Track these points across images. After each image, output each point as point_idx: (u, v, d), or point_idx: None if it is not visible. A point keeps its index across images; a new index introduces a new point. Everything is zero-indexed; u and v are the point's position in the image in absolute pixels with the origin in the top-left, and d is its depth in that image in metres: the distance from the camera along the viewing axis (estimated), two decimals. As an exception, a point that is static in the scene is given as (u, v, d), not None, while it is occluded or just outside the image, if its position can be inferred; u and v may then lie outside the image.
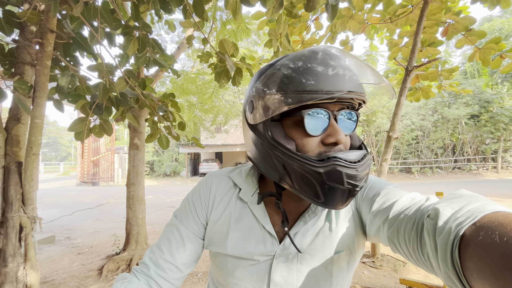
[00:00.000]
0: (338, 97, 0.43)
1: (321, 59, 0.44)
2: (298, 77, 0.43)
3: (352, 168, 0.42)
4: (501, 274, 0.24)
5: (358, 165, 0.43)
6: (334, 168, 0.42)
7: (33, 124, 1.30)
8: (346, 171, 0.42)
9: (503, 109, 14.07)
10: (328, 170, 0.42)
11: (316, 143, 0.46)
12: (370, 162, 0.45)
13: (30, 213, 1.32)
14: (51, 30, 1.30)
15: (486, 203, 0.32)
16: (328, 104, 0.45)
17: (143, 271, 0.56)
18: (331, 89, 0.41)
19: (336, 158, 0.42)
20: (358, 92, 0.43)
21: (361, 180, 0.43)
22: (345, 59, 0.45)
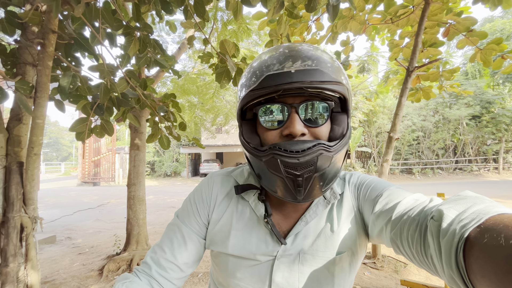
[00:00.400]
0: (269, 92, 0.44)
1: (267, 57, 0.47)
2: (247, 77, 0.48)
3: (290, 157, 0.43)
4: (507, 277, 0.23)
5: (299, 154, 0.43)
6: (272, 157, 0.45)
7: (35, 124, 1.30)
8: (283, 159, 0.43)
9: (505, 109, 14.02)
10: (267, 159, 0.45)
11: (274, 136, 0.48)
12: (321, 152, 0.44)
13: (31, 213, 1.32)
14: (52, 30, 1.30)
15: (491, 205, 0.32)
16: (286, 98, 0.47)
17: (145, 271, 0.56)
18: (266, 85, 0.44)
19: (276, 147, 0.45)
20: (299, 82, 0.43)
21: (303, 169, 0.43)
22: (295, 53, 0.45)
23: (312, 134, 0.47)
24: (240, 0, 1.34)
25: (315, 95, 0.46)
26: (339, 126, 0.49)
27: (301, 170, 0.43)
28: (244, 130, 0.52)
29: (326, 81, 0.44)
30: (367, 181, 0.56)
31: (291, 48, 0.47)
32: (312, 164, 0.44)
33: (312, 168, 0.44)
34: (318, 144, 0.44)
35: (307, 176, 0.44)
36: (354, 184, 0.57)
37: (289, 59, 0.44)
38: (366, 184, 0.55)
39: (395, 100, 14.61)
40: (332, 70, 0.45)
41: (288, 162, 0.43)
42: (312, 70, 0.43)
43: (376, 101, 14.28)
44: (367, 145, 16.84)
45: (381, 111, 15.86)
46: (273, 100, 0.47)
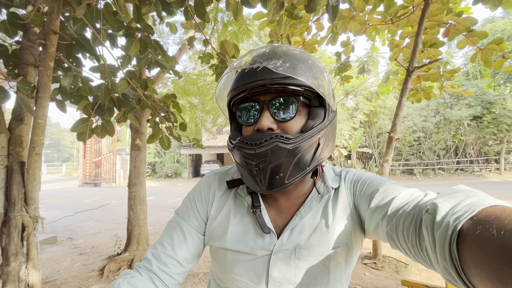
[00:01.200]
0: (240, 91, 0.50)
1: (242, 60, 0.50)
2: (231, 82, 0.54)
3: (249, 148, 0.47)
4: (498, 267, 0.24)
5: (256, 146, 0.46)
6: (237, 149, 0.50)
7: (36, 124, 1.31)
8: (243, 151, 0.48)
9: (506, 110, 13.98)
10: (234, 152, 0.51)
11: (250, 131, 0.52)
12: (276, 143, 0.46)
13: (33, 212, 1.33)
14: (54, 31, 1.31)
15: (484, 198, 0.32)
16: (259, 96, 0.51)
17: (146, 267, 0.57)
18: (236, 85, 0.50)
19: (240, 140, 0.49)
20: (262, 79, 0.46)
21: (258, 159, 0.47)
22: (262, 52, 0.49)
23: (282, 129, 0.49)
24: (240, 1, 1.35)
25: (283, 91, 0.49)
26: (313, 120, 0.50)
27: (256, 160, 0.47)
28: (232, 128, 0.57)
29: (288, 76, 0.46)
30: (363, 177, 0.57)
31: (262, 49, 0.51)
32: (266, 155, 0.46)
33: (266, 159, 0.46)
34: (275, 136, 0.46)
35: (262, 166, 0.47)
36: (350, 181, 0.58)
37: (257, 59, 0.48)
38: (362, 180, 0.56)
39: (396, 101, 14.59)
40: (300, 65, 0.48)
41: (246, 153, 0.48)
42: (280, 65, 0.46)
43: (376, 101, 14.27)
44: (368, 145, 16.81)
45: (382, 111, 15.84)
46: (249, 99, 0.52)
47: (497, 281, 0.24)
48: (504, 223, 0.25)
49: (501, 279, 0.23)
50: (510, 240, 0.24)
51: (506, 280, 0.23)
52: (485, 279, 0.25)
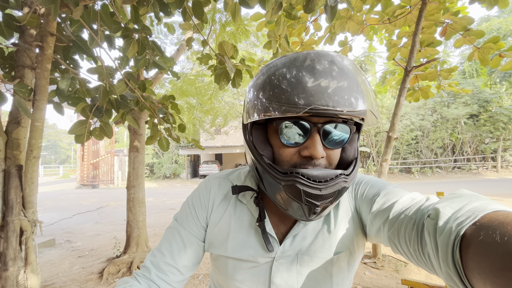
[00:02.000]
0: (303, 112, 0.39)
1: (302, 69, 0.41)
2: (272, 85, 0.43)
3: (313, 187, 0.42)
4: (502, 274, 0.23)
5: (322, 185, 0.42)
6: (293, 184, 0.42)
7: (33, 127, 1.30)
8: (305, 189, 0.42)
9: (502, 108, 14.10)
10: (288, 185, 0.43)
11: (292, 153, 0.46)
12: (342, 184, 0.43)
13: (31, 216, 1.32)
14: (51, 33, 1.30)
15: (486, 203, 0.32)
16: (311, 116, 0.43)
17: (145, 275, 0.55)
18: (299, 104, 0.39)
19: (299, 175, 0.42)
20: (333, 109, 0.38)
21: (324, 199, 0.43)
22: (330, 69, 0.40)
23: (327, 157, 0.46)
24: (238, 1, 1.35)
25: (337, 117, 0.43)
26: (351, 147, 0.49)
27: (321, 200, 0.43)
28: (255, 136, 0.48)
29: (359, 110, 0.40)
30: (364, 181, 0.56)
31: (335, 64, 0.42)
32: (332, 196, 0.43)
33: (332, 199, 0.44)
34: (340, 175, 0.43)
35: (325, 206, 0.44)
36: (352, 184, 0.57)
37: (330, 80, 0.39)
38: (363, 184, 0.55)
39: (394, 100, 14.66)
40: (365, 95, 0.42)
41: (310, 193, 0.42)
42: (348, 96, 0.40)
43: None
44: (366, 145, 16.86)
45: (380, 110, 15.81)
46: (298, 117, 0.44)
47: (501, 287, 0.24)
48: (508, 228, 0.25)
49: (505, 285, 0.23)
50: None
51: (510, 286, 0.23)
52: (488, 285, 0.25)
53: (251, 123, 0.49)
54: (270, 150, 0.48)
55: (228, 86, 1.77)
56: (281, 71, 0.43)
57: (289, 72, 0.42)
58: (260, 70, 0.49)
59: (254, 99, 0.46)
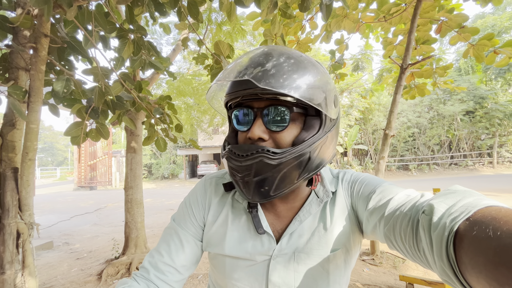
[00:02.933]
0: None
1: (240, 61, 0.48)
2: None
3: (235, 160, 0.47)
4: (495, 268, 0.24)
5: (242, 158, 0.45)
6: (226, 157, 0.49)
7: (29, 129, 1.29)
8: (230, 161, 0.48)
9: (498, 104, 14.23)
10: (224, 159, 0.51)
11: (243, 137, 0.51)
12: (261, 158, 0.44)
13: (27, 219, 1.31)
14: (45, 34, 1.29)
15: (479, 198, 0.32)
16: (253, 102, 0.48)
17: (143, 275, 0.56)
18: (230, 90, 0.48)
19: (229, 149, 0.49)
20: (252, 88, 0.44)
21: (243, 172, 0.46)
22: (266, 61, 0.45)
23: (273, 140, 0.48)
24: (233, 1, 1.34)
25: (276, 99, 0.46)
26: (306, 131, 0.48)
27: (241, 173, 0.47)
28: (230, 129, 0.55)
29: (279, 86, 0.42)
30: (360, 178, 0.56)
31: (255, 55, 0.48)
32: (250, 169, 0.46)
33: (250, 173, 0.46)
34: (261, 150, 0.45)
35: (247, 179, 0.46)
36: (348, 182, 0.58)
37: (248, 67, 0.45)
38: (359, 182, 0.56)
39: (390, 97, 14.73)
40: (293, 77, 0.44)
41: (233, 164, 0.47)
42: (268, 76, 0.43)
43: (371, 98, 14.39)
44: (363, 142, 16.94)
45: (377, 108, 15.97)
46: (243, 104, 0.50)
47: (494, 282, 0.24)
48: (500, 223, 0.26)
49: (498, 280, 0.24)
50: (507, 240, 0.24)
51: (503, 281, 0.23)
52: (482, 280, 0.26)
53: (229, 121, 0.56)
54: (235, 139, 0.54)
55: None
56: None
57: (230, 68, 0.49)
58: None
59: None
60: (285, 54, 0.47)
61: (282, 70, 0.44)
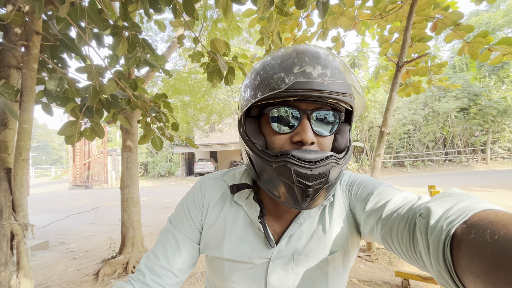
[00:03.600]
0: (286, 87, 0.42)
1: (288, 59, 0.45)
2: (261, 76, 0.46)
3: (304, 167, 0.43)
4: (493, 272, 0.24)
5: (313, 165, 0.43)
6: (284, 165, 0.44)
7: (21, 129, 1.26)
8: (296, 169, 0.43)
9: (491, 101, 14.41)
10: (279, 166, 0.44)
11: (284, 140, 0.47)
12: (332, 165, 0.44)
13: (21, 220, 1.29)
14: (36, 32, 1.26)
15: (476, 201, 0.32)
16: (299, 103, 0.46)
17: (139, 279, 0.55)
18: (281, 86, 0.42)
19: (289, 155, 0.44)
20: (320, 90, 0.42)
21: (315, 180, 0.43)
22: (316, 59, 0.44)
23: (318, 144, 0.47)
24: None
25: (329, 104, 0.47)
26: (342, 137, 0.49)
27: (312, 181, 0.43)
28: (248, 128, 0.50)
29: (344, 93, 0.43)
30: (358, 180, 0.56)
31: (312, 54, 0.45)
32: (323, 176, 0.44)
33: (323, 180, 0.44)
34: (330, 156, 0.44)
35: (317, 187, 0.44)
36: (346, 184, 0.57)
37: (312, 64, 0.43)
38: (357, 183, 0.55)
39: (386, 95, 14.81)
40: (350, 80, 0.45)
41: (301, 172, 0.43)
42: (333, 80, 0.43)
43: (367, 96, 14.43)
44: (359, 139, 17.04)
45: (373, 105, 16.05)
46: (286, 103, 0.46)
47: (492, 286, 0.24)
48: (498, 227, 0.26)
49: (495, 284, 0.24)
50: (504, 245, 0.24)
51: (501, 285, 0.23)
52: (479, 284, 0.26)
53: (244, 117, 0.51)
54: (263, 140, 0.49)
55: (221, 84, 1.76)
56: (270, 64, 0.47)
57: (277, 63, 0.45)
58: (253, 67, 0.52)
59: (245, 92, 0.49)
60: (333, 56, 0.47)
61: (346, 75, 0.45)
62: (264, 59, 0.50)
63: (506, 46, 2.24)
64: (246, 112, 0.51)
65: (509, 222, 0.26)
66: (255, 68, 0.50)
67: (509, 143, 15.66)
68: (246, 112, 0.51)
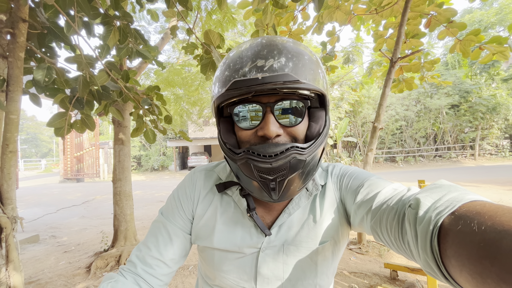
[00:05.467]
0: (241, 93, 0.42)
1: (240, 53, 0.45)
2: (221, 72, 0.46)
3: (263, 162, 0.43)
4: (479, 261, 0.25)
5: (272, 159, 0.42)
6: (246, 161, 0.44)
7: (8, 120, 1.23)
8: (256, 164, 0.43)
9: (481, 99, 14.71)
10: (242, 163, 0.45)
11: (249, 136, 0.47)
12: (293, 156, 0.43)
13: (10, 213, 1.27)
14: (22, 19, 1.21)
15: (464, 193, 0.33)
16: (261, 97, 0.45)
17: (130, 270, 0.55)
18: (237, 86, 0.42)
19: (249, 152, 0.44)
20: (271, 83, 0.40)
21: (276, 173, 0.43)
22: (271, 53, 0.42)
23: (288, 134, 0.46)
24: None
25: (291, 93, 0.45)
26: (316, 123, 0.48)
27: (273, 174, 0.44)
28: (222, 128, 0.50)
29: (300, 81, 0.42)
30: (349, 172, 0.57)
31: (264, 44, 0.44)
32: (284, 169, 0.44)
33: (285, 172, 0.44)
34: (291, 147, 0.43)
35: (280, 180, 0.44)
36: (337, 175, 0.58)
37: (261, 57, 0.42)
38: (348, 175, 0.56)
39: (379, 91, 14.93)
40: (308, 66, 0.43)
41: (260, 167, 0.43)
42: (285, 70, 0.41)
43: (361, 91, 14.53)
44: (352, 135, 17.21)
45: (366, 101, 16.19)
46: (248, 100, 0.45)
47: (477, 275, 0.25)
48: (485, 218, 0.26)
49: (481, 273, 0.24)
50: (491, 235, 0.25)
51: (486, 274, 0.24)
52: (465, 272, 0.26)
53: (218, 118, 0.51)
54: (234, 138, 0.49)
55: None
56: (228, 61, 0.46)
57: (233, 60, 0.45)
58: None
59: (212, 91, 0.50)
60: (289, 42, 0.45)
61: (298, 60, 0.43)
62: (232, 50, 0.49)
63: (496, 46, 2.27)
64: (220, 113, 0.51)
65: (496, 213, 0.26)
66: (223, 62, 0.49)
67: (497, 140, 16.09)
68: (220, 113, 0.51)
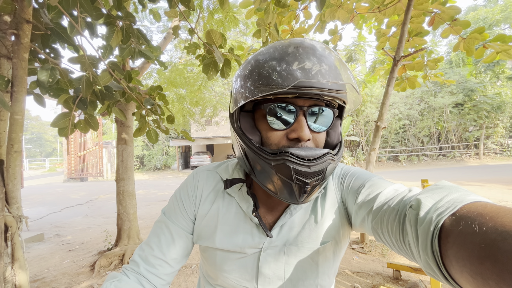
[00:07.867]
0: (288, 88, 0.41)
1: (286, 53, 0.44)
2: (258, 71, 0.44)
3: (302, 165, 0.43)
4: (480, 262, 0.24)
5: (311, 163, 0.43)
6: (284, 163, 0.43)
7: (13, 120, 1.24)
8: (295, 167, 0.43)
9: (486, 97, 14.54)
10: (278, 164, 0.44)
11: (280, 137, 0.47)
12: (329, 162, 0.45)
13: (15, 212, 1.28)
14: (26, 20, 1.22)
15: (465, 194, 0.33)
16: (296, 99, 0.45)
17: (133, 269, 0.56)
18: (283, 84, 0.41)
19: (288, 153, 0.43)
20: (319, 88, 0.41)
21: (313, 177, 0.44)
22: (313, 54, 0.43)
23: (313, 140, 0.48)
24: (226, -12, 1.30)
25: (324, 100, 0.46)
26: (334, 132, 0.50)
27: (310, 178, 0.44)
28: (243, 123, 0.49)
29: (341, 90, 0.44)
30: (350, 172, 0.57)
31: (309, 48, 0.44)
32: (321, 173, 0.44)
33: (321, 177, 0.45)
34: (327, 153, 0.45)
35: (314, 184, 0.45)
36: (338, 176, 0.58)
37: (310, 60, 0.42)
38: (349, 175, 0.56)
39: (382, 90, 14.84)
40: (346, 77, 0.45)
41: (300, 170, 0.43)
42: (331, 76, 0.43)
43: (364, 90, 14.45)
44: (355, 134, 17.13)
45: (369, 100, 16.09)
46: (284, 100, 0.45)
47: (478, 276, 0.25)
48: (486, 219, 0.26)
49: (482, 274, 0.24)
50: (492, 236, 0.24)
51: (487, 275, 0.24)
52: (465, 273, 0.26)
53: (238, 111, 0.50)
54: (258, 135, 0.49)
55: (217, 76, 1.74)
56: (266, 57, 0.45)
57: (274, 57, 0.44)
58: (246, 59, 0.50)
59: (240, 86, 0.47)
60: (330, 50, 0.46)
61: (341, 70, 0.45)
62: (259, 51, 0.48)
63: (500, 44, 2.24)
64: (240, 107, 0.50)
65: (497, 214, 0.26)
66: (250, 60, 0.48)
67: (502, 138, 15.92)
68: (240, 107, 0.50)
